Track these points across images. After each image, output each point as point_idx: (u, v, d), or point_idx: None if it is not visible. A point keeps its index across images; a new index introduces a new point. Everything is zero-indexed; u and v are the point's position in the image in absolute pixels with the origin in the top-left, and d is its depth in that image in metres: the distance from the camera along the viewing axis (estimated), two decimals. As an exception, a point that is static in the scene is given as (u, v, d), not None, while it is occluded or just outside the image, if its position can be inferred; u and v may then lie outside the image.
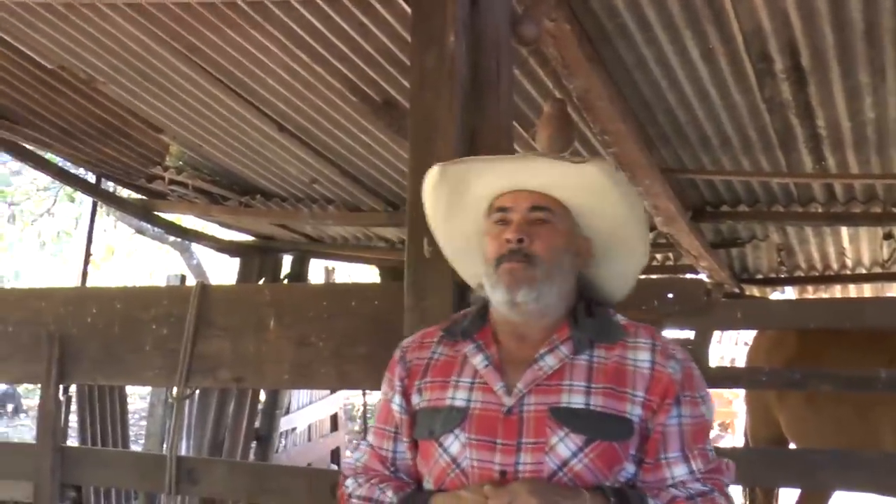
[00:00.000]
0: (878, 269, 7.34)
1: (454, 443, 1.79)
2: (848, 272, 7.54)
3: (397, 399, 1.94)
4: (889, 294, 8.07)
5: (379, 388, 2.04)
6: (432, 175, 1.97)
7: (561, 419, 1.73)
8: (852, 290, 8.12)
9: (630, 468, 1.78)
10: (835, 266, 7.46)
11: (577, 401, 1.75)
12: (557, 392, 1.76)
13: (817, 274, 7.66)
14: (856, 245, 6.76)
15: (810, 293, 8.15)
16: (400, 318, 2.71)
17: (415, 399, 1.91)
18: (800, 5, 3.26)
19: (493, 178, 1.90)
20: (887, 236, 6.38)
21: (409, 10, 3.32)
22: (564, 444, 1.72)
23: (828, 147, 4.57)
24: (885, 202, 5.45)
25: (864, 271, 7.48)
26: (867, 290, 8.06)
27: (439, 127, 2.74)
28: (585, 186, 1.85)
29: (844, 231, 6.38)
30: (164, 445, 7.47)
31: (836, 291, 8.17)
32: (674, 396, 1.77)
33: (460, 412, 1.80)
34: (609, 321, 1.88)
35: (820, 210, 5.62)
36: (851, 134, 4.38)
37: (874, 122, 4.21)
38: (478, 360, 1.85)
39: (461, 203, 1.97)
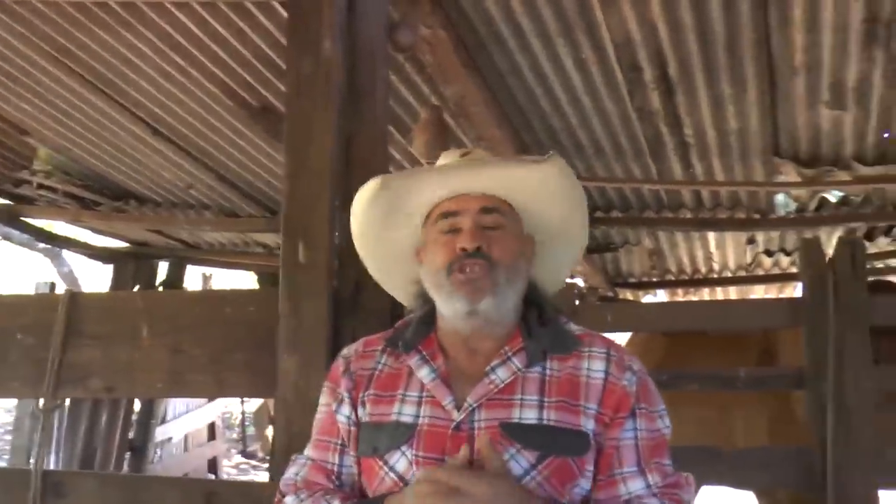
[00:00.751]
0: (742, 273, 7.63)
1: (401, 460, 1.66)
2: (715, 275, 7.81)
3: (345, 410, 1.80)
4: (752, 296, 8.39)
5: (258, 395, 1.96)
6: (370, 188, 1.82)
7: (513, 435, 1.61)
8: (719, 293, 8.42)
9: (585, 485, 1.65)
10: (703, 269, 7.73)
11: (529, 416, 1.64)
12: (509, 406, 1.65)
13: (687, 277, 7.91)
14: (722, 249, 7.01)
15: (681, 296, 8.41)
16: (276, 324, 2.68)
17: (359, 412, 1.78)
18: (667, 18, 3.39)
19: (437, 185, 1.78)
20: (750, 241, 6.65)
21: (286, 14, 3.31)
22: (516, 461, 1.60)
23: (695, 154, 4.74)
24: (749, 208, 5.68)
25: (729, 274, 7.76)
26: (733, 293, 8.37)
27: (315, 132, 2.73)
28: (539, 186, 1.77)
29: (712, 236, 6.61)
30: (32, 460, 7.23)
31: (705, 294, 8.46)
32: (628, 410, 1.66)
33: (408, 428, 1.67)
34: (562, 330, 1.77)
35: (689, 216, 5.81)
36: (716, 142, 4.56)
37: (737, 131, 4.39)
38: (424, 373, 1.73)
39: (396, 214, 1.85)
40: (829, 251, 2.88)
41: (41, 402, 3.06)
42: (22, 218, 6.73)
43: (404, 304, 1.98)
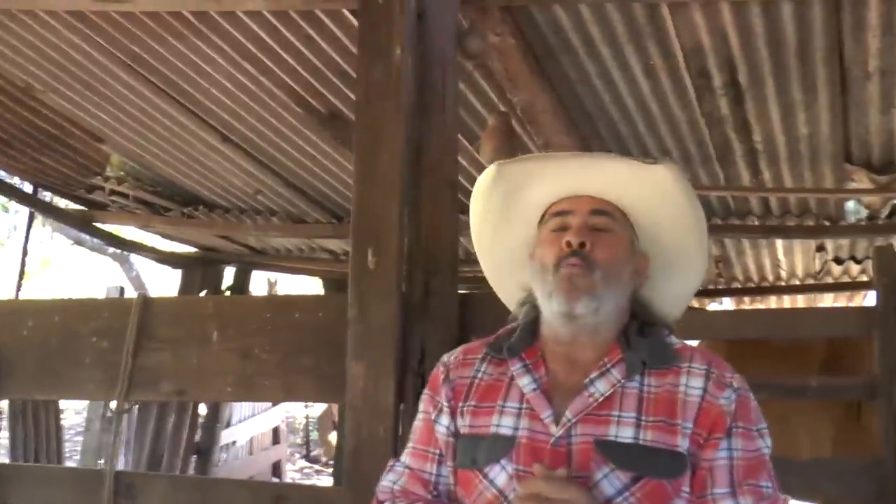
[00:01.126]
0: (810, 281, 7.49)
1: (501, 473, 1.64)
2: (782, 283, 7.69)
3: (444, 420, 1.78)
4: (821, 304, 8.24)
5: (326, 400, 1.95)
6: (488, 175, 1.83)
7: (607, 453, 1.58)
8: (786, 301, 8.29)
9: None
10: (770, 277, 7.61)
11: (625, 434, 1.60)
12: (606, 423, 1.62)
13: (753, 285, 7.80)
14: (790, 257, 6.90)
15: (747, 304, 8.29)
16: (344, 330, 2.71)
17: (458, 422, 1.76)
18: (737, 24, 3.34)
19: (552, 181, 1.77)
20: (819, 248, 6.53)
21: (356, 22, 3.34)
22: (609, 481, 1.57)
23: (764, 161, 4.67)
24: (818, 216, 5.58)
25: (797, 282, 7.63)
26: (800, 301, 8.22)
27: (385, 139, 2.76)
28: (653, 192, 1.74)
29: (779, 243, 6.51)
30: (102, 461, 7.38)
31: (772, 302, 8.33)
32: (724, 430, 1.62)
33: (508, 441, 1.65)
34: (662, 343, 1.73)
35: (756, 223, 5.73)
36: (786, 149, 4.48)
37: (807, 137, 4.31)
38: (525, 382, 1.70)
39: (513, 209, 1.85)
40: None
41: (112, 404, 3.12)
42: (93, 223, 6.89)
43: (513, 310, 1.93)
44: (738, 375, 1.70)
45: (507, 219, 1.86)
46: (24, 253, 7.11)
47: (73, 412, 13.78)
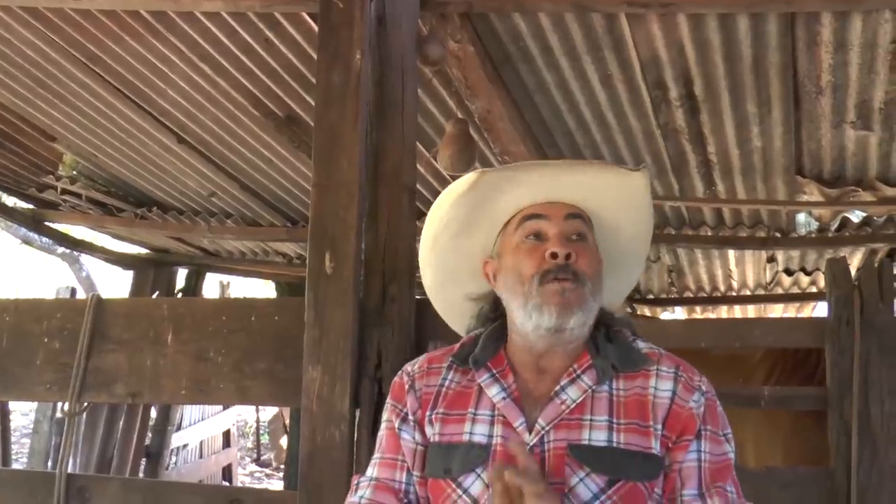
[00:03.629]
0: (761, 291, 7.60)
1: (476, 482, 1.62)
2: (733, 293, 7.79)
3: (409, 429, 1.74)
4: (770, 315, 8.35)
5: (281, 404, 1.89)
6: (465, 183, 1.74)
7: (581, 458, 1.58)
8: (737, 311, 8.39)
9: None
10: (721, 287, 7.70)
11: (599, 437, 1.60)
12: (578, 427, 1.61)
13: (705, 295, 7.89)
14: (741, 268, 6.99)
15: (698, 313, 8.38)
16: (301, 334, 2.70)
17: (427, 431, 1.72)
18: (694, 37, 3.39)
19: (527, 186, 1.71)
20: (770, 260, 6.62)
21: (315, 26, 3.33)
22: (585, 486, 1.56)
23: (718, 173, 4.73)
24: (770, 227, 5.66)
25: (748, 293, 7.73)
26: (751, 311, 8.33)
27: (343, 144, 2.75)
28: (627, 197, 1.74)
29: (731, 254, 6.59)
30: (50, 463, 7.26)
31: (723, 312, 8.42)
32: (694, 432, 1.62)
33: (483, 449, 1.64)
34: (630, 347, 1.71)
35: (709, 233, 5.80)
36: (740, 161, 4.55)
37: (760, 150, 4.38)
38: (494, 392, 1.68)
39: (479, 217, 1.78)
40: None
41: (64, 405, 3.08)
42: (44, 223, 6.79)
43: (450, 324, 1.93)
44: (705, 379, 1.71)
45: (470, 226, 1.81)
46: (-27, 252, 6.97)
47: (20, 414, 13.55)
